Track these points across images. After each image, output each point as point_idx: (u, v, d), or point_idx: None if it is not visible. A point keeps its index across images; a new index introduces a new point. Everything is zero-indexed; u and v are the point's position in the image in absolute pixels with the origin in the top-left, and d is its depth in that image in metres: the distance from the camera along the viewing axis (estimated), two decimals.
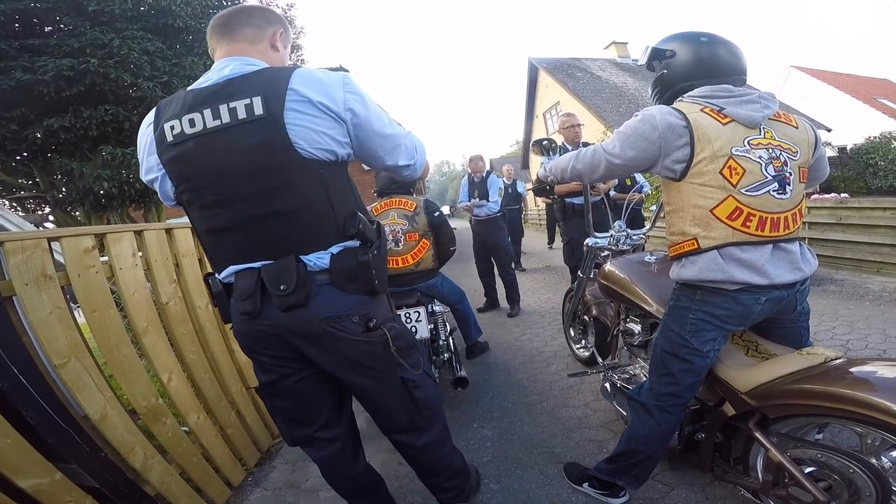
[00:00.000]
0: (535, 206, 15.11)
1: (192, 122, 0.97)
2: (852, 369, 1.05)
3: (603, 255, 2.21)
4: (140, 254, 1.64)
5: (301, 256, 1.03)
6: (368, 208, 2.49)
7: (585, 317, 2.52)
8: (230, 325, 1.17)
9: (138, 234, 1.65)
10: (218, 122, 0.96)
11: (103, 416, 1.37)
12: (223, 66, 1.03)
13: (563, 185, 2.43)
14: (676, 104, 1.25)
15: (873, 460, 1.03)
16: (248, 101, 0.95)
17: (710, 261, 1.19)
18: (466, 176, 4.58)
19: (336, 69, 1.08)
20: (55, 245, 1.37)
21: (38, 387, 1.24)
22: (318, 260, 1.04)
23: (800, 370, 1.12)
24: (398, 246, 2.42)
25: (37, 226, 5.36)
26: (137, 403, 1.52)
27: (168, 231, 1.82)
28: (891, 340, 2.55)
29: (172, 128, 0.99)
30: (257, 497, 1.89)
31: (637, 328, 1.86)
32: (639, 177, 5.27)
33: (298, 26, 6.36)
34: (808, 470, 1.10)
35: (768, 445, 1.15)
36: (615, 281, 1.84)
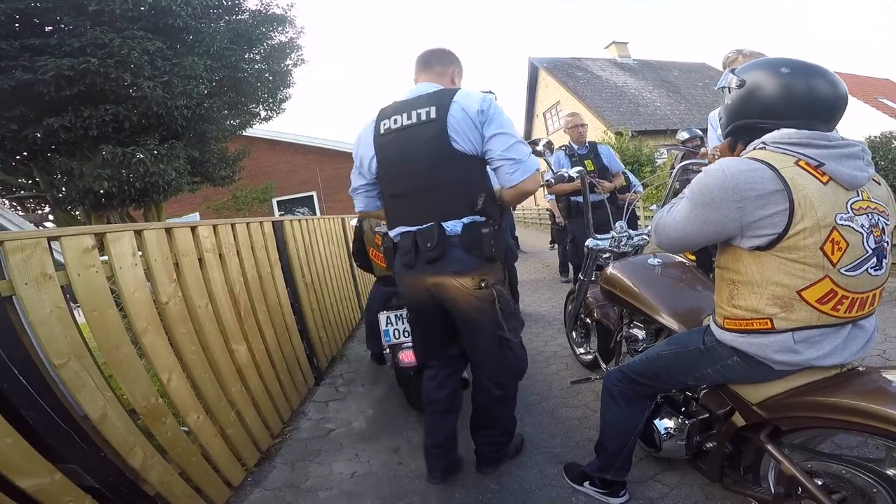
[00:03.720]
0: (536, 206, 15.11)
1: (395, 121, 1.47)
2: (867, 379, 1.01)
3: (604, 256, 2.19)
4: (140, 253, 1.64)
5: (442, 223, 1.42)
6: None
7: (587, 320, 2.50)
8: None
9: (138, 233, 1.65)
10: (410, 122, 1.44)
11: (103, 415, 1.36)
12: (420, 89, 1.53)
13: (563, 184, 2.43)
14: (759, 153, 1.01)
15: (889, 471, 0.99)
16: (427, 108, 1.43)
17: (781, 343, 1.03)
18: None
19: (487, 92, 1.42)
20: (55, 244, 1.36)
21: (38, 387, 1.24)
22: (454, 227, 1.43)
23: (814, 381, 1.07)
24: None
25: (36, 225, 5.36)
26: (137, 403, 1.51)
27: (168, 230, 1.82)
28: (891, 340, 2.55)
29: (384, 124, 1.50)
30: (257, 497, 1.88)
31: (641, 334, 1.83)
32: (631, 176, 5.29)
33: (298, 26, 6.34)
34: (821, 482, 1.05)
35: (781, 458, 1.10)
36: (618, 285, 1.80)
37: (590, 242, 2.20)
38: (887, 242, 1.01)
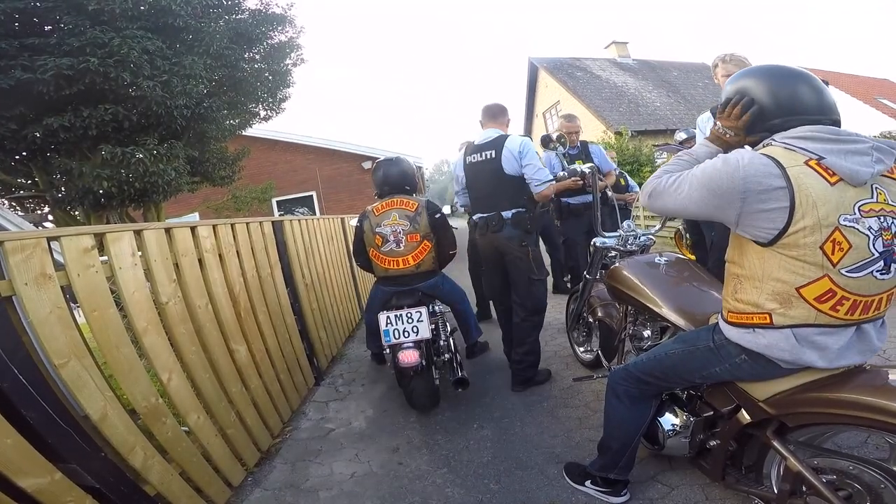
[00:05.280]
0: None
1: (474, 158, 2.52)
2: (874, 376, 1.02)
3: (610, 255, 2.19)
4: (140, 253, 1.63)
5: (501, 212, 2.42)
6: (370, 208, 2.50)
7: (591, 319, 2.50)
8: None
9: (138, 233, 1.64)
10: (481, 159, 2.48)
11: (103, 415, 1.36)
12: (488, 133, 2.50)
13: (560, 184, 2.53)
14: (769, 149, 1.03)
15: None
16: (490, 151, 2.44)
17: (782, 339, 1.04)
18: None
19: (524, 135, 2.60)
20: (55, 244, 1.36)
21: (38, 387, 1.24)
22: (507, 213, 2.42)
23: (820, 378, 1.07)
24: (399, 247, 2.41)
25: (36, 225, 5.35)
26: (137, 403, 1.51)
27: (167, 231, 1.82)
28: (891, 340, 2.55)
29: (468, 159, 2.56)
30: (257, 497, 1.88)
31: (646, 332, 1.83)
32: (628, 178, 5.30)
33: (298, 26, 6.32)
34: (826, 479, 1.06)
35: (787, 455, 1.11)
36: (624, 282, 1.81)
37: (597, 241, 2.20)
38: None
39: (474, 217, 2.57)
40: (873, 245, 0.95)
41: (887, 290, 1.01)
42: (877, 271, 0.97)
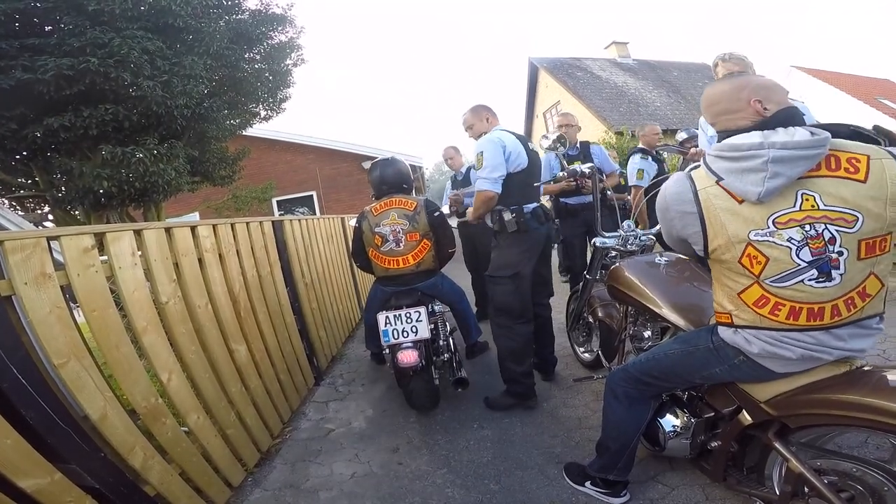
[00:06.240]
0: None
1: (530, 146, 2.37)
2: (877, 377, 1.02)
3: (611, 255, 2.19)
4: (139, 253, 1.63)
5: (543, 203, 2.41)
6: (369, 208, 2.50)
7: (591, 319, 2.50)
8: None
9: (138, 233, 1.64)
10: (535, 150, 2.46)
11: (103, 416, 1.36)
12: (500, 126, 2.44)
13: (550, 185, 2.63)
14: (695, 171, 1.09)
15: None
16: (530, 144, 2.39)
17: (752, 338, 1.08)
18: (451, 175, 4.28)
19: (524, 135, 2.50)
20: (54, 244, 1.36)
21: (38, 387, 1.24)
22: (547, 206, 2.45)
23: (822, 379, 1.08)
24: (399, 246, 2.41)
25: (36, 225, 5.35)
26: (137, 403, 1.51)
27: (167, 230, 1.81)
28: (891, 340, 2.55)
29: (529, 145, 2.34)
30: (257, 497, 1.88)
31: (647, 332, 1.83)
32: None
33: (298, 26, 6.32)
34: (828, 480, 1.06)
35: (789, 456, 1.11)
36: (625, 283, 1.81)
37: (597, 241, 2.20)
38: (838, 253, 0.92)
39: (529, 207, 2.26)
40: (797, 255, 0.95)
41: (841, 296, 0.96)
42: (810, 280, 0.96)
